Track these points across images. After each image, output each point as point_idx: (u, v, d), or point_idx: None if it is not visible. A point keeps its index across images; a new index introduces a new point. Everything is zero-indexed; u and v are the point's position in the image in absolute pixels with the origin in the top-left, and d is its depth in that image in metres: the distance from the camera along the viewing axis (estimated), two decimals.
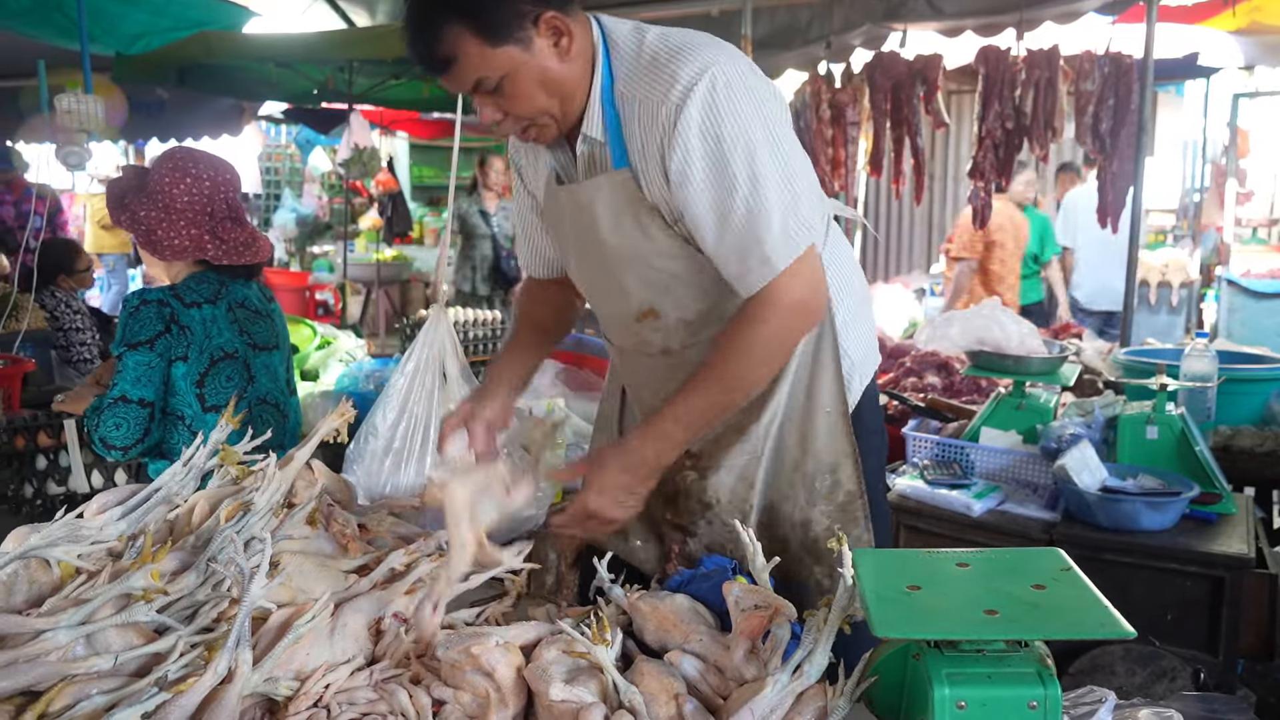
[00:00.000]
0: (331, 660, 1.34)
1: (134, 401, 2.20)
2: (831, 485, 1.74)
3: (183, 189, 2.30)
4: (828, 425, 1.72)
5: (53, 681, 1.21)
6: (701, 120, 1.48)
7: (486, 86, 1.53)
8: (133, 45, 6.19)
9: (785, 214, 1.52)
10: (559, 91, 1.56)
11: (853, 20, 5.41)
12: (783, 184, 1.53)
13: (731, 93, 1.49)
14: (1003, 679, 1.10)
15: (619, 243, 1.65)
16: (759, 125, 1.51)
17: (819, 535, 1.74)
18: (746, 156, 1.50)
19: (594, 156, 1.63)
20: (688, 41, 1.54)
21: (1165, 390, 2.81)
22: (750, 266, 1.54)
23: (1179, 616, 2.50)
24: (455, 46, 1.49)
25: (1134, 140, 4.57)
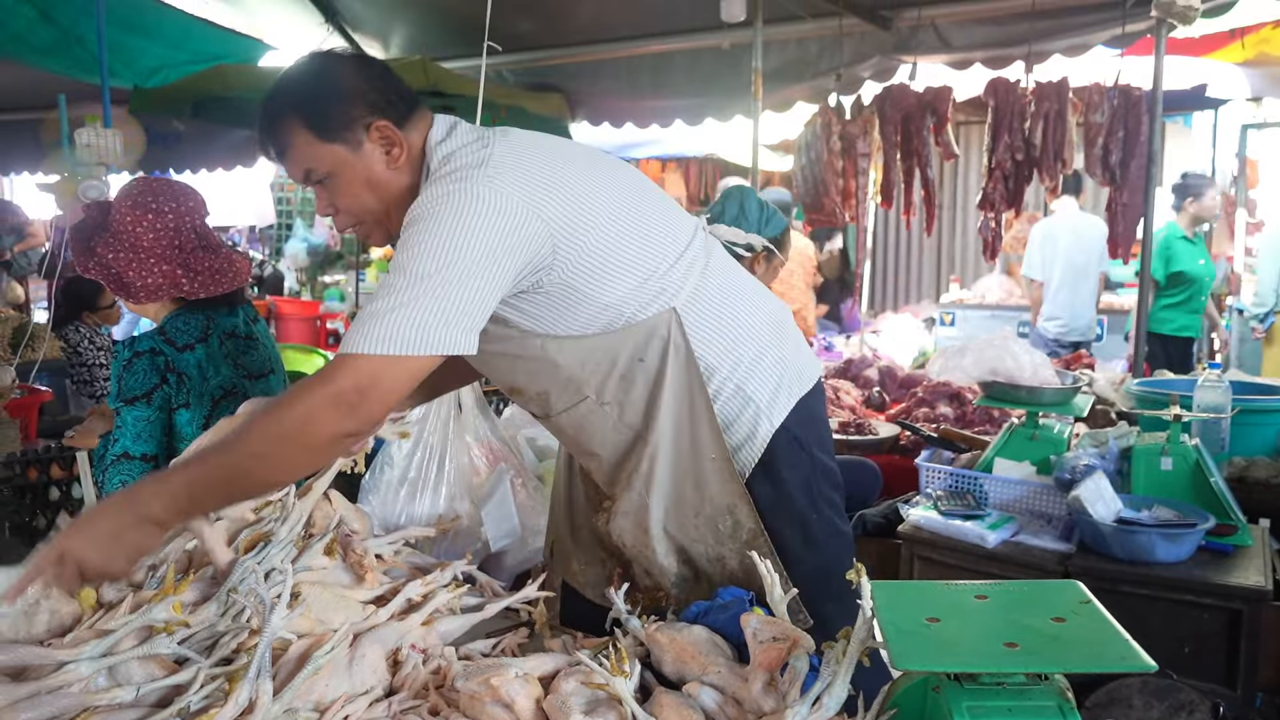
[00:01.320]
0: (350, 691, 1.34)
1: (136, 458, 2.15)
2: (733, 526, 1.76)
3: (145, 226, 2.20)
4: (715, 471, 1.74)
5: (76, 713, 1.22)
6: (409, 224, 1.54)
7: (315, 178, 1.66)
8: (150, 78, 6.29)
9: (392, 310, 1.45)
10: (384, 196, 1.67)
11: (862, 53, 5.47)
12: (415, 287, 1.46)
13: (436, 213, 1.50)
14: (1023, 712, 1.10)
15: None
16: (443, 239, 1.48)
17: (734, 570, 1.76)
18: (416, 253, 1.48)
19: None
20: (450, 163, 1.59)
21: (1179, 421, 2.80)
22: (345, 339, 1.51)
23: (1196, 649, 2.48)
24: (288, 137, 1.64)
25: (1144, 171, 4.59)
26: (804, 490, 1.81)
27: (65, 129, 4.39)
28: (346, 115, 1.62)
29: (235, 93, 6.04)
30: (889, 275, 10.22)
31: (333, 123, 1.62)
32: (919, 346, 6.96)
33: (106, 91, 4.50)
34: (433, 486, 2.42)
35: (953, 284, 8.96)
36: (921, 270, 9.99)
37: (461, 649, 1.55)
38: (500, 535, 2.32)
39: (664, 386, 1.71)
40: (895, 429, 3.92)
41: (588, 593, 1.93)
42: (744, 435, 1.76)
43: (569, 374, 1.72)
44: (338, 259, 12.01)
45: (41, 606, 1.41)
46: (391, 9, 6.62)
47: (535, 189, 1.57)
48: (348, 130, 1.62)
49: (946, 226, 9.50)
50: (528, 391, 1.78)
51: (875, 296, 9.87)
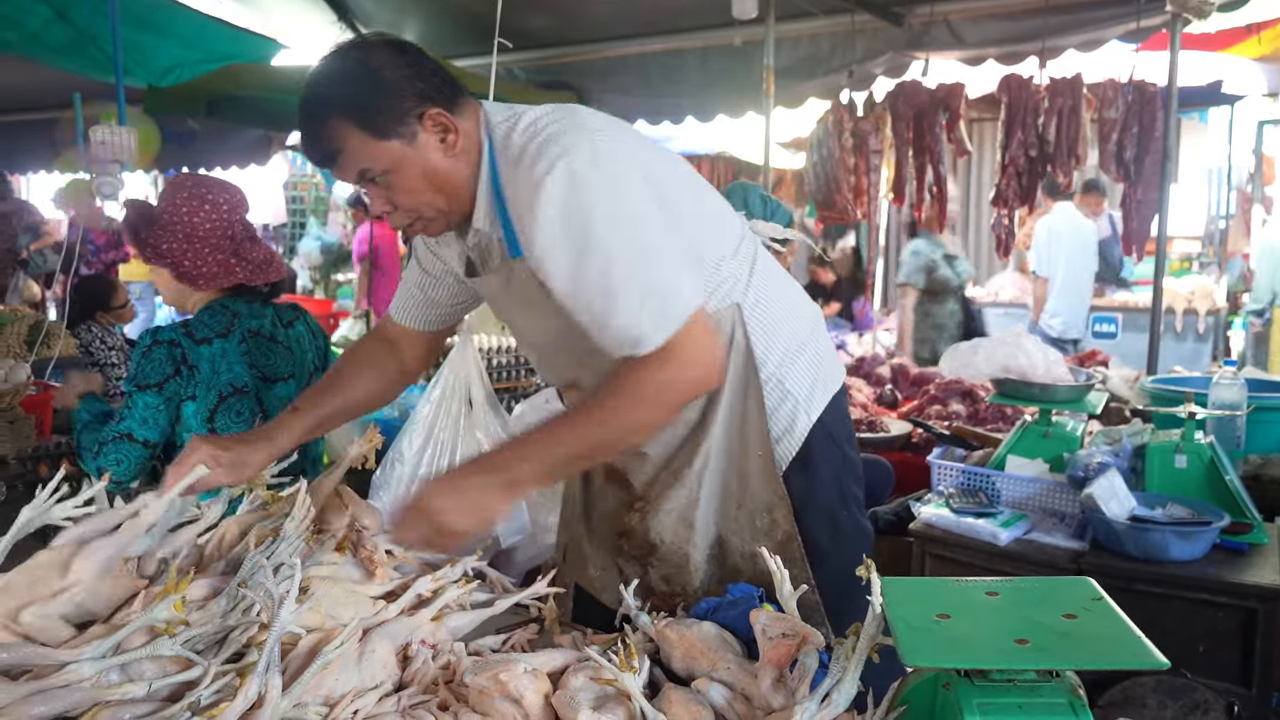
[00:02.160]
0: (360, 686, 1.35)
1: (139, 442, 2.24)
2: (770, 525, 1.76)
3: (203, 216, 2.31)
4: (760, 468, 1.75)
5: (87, 708, 1.22)
6: (558, 209, 1.49)
7: (371, 177, 1.57)
8: (164, 78, 6.31)
9: (655, 288, 1.52)
10: (444, 186, 1.60)
11: (875, 49, 5.45)
12: (649, 259, 1.52)
13: (586, 179, 1.49)
14: (1034, 709, 1.10)
15: (531, 324, 1.72)
16: (615, 206, 1.51)
17: (763, 570, 1.74)
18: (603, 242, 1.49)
19: (488, 247, 1.68)
20: (547, 130, 1.55)
21: (1194, 419, 2.78)
22: (623, 339, 1.54)
23: (1211, 648, 2.46)
24: (339, 139, 1.54)
25: (1158, 168, 4.56)
26: (835, 485, 1.82)
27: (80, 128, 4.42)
28: (399, 108, 1.54)
29: (248, 92, 6.06)
30: None
31: (386, 118, 1.54)
32: None
33: (121, 90, 4.52)
34: None
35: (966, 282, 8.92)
36: None
37: (471, 645, 1.55)
38: (510, 532, 2.32)
39: (725, 382, 1.70)
40: (907, 426, 3.91)
41: (603, 598, 1.91)
42: (783, 428, 1.76)
43: None
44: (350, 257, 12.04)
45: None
46: (403, 7, 6.64)
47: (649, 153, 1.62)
48: (401, 124, 1.54)
49: (960, 224, 9.45)
50: (587, 387, 1.75)
51: (888, 294, 9.84)
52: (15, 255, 7.28)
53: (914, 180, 5.36)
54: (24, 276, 7.35)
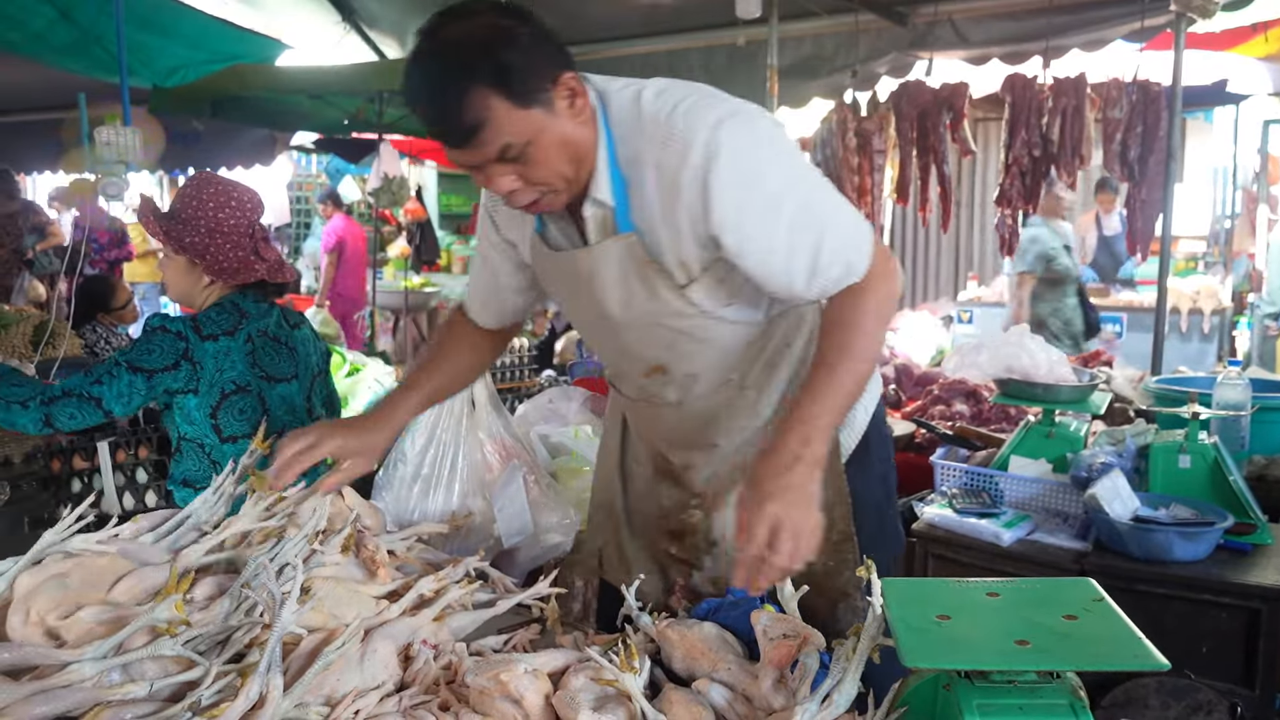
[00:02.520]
0: (361, 686, 1.35)
1: (103, 410, 2.26)
2: (827, 526, 1.74)
3: (227, 214, 2.37)
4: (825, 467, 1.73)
5: (88, 708, 1.22)
6: (735, 178, 1.47)
7: (511, 154, 1.45)
8: (169, 78, 6.33)
9: (845, 219, 1.57)
10: (576, 155, 1.52)
11: (879, 49, 5.44)
12: (829, 194, 1.57)
13: (750, 141, 1.50)
14: (1034, 710, 1.10)
15: (625, 304, 1.64)
16: (785, 157, 1.55)
17: (815, 572, 1.74)
18: (792, 189, 1.53)
19: (603, 219, 1.60)
20: (686, 99, 1.52)
21: (1198, 419, 2.78)
22: (836, 279, 1.56)
23: (1214, 649, 2.45)
24: (483, 111, 1.40)
25: (1163, 167, 4.55)
26: (883, 483, 1.85)
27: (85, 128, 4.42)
28: (538, 74, 1.44)
29: (253, 92, 6.08)
30: (906, 273, 10.17)
31: (529, 84, 1.42)
32: (936, 344, 6.92)
33: (126, 90, 4.53)
34: (446, 483, 2.43)
35: (970, 281, 8.91)
36: (939, 268, 9.93)
37: (473, 645, 1.55)
38: (513, 532, 2.32)
39: (801, 375, 1.70)
40: (911, 426, 3.90)
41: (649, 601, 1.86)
42: (844, 421, 1.75)
43: (726, 357, 1.69)
44: None
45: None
46: (408, 7, 6.63)
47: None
48: (541, 90, 1.44)
49: (964, 224, 9.44)
50: (673, 373, 1.72)
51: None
52: (21, 256, 7.30)
53: (918, 180, 5.35)
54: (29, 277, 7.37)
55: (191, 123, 7.48)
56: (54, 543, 1.45)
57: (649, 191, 1.54)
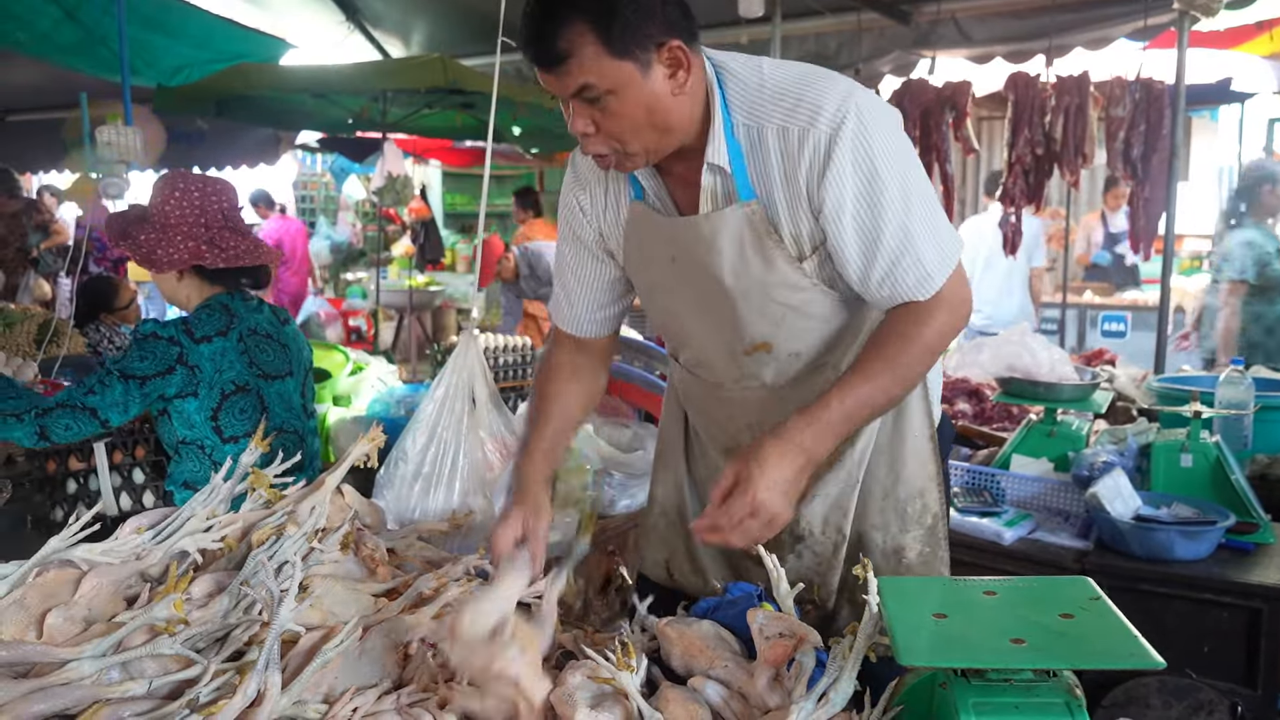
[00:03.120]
0: (359, 684, 1.35)
1: (99, 420, 2.26)
2: (921, 509, 1.75)
3: (173, 205, 2.37)
4: (915, 450, 1.74)
5: (87, 705, 1.23)
6: (855, 148, 1.47)
7: (590, 95, 1.45)
8: (173, 77, 6.36)
9: (939, 231, 1.54)
10: (662, 123, 1.49)
11: (882, 47, 5.44)
12: (932, 204, 1.55)
13: (877, 121, 1.49)
14: (1030, 709, 1.10)
15: (740, 274, 1.61)
16: (904, 151, 1.53)
17: (911, 562, 1.74)
18: (901, 183, 1.51)
19: (716, 188, 1.58)
20: (811, 71, 1.54)
21: (1200, 418, 2.77)
22: (909, 284, 1.54)
23: (1215, 648, 2.45)
24: (574, 44, 1.41)
25: (1166, 166, 4.54)
26: (947, 478, 1.84)
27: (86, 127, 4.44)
28: (643, 30, 1.42)
29: (257, 91, 6.09)
30: None
31: (628, 37, 1.41)
32: None
33: (127, 89, 4.54)
34: (446, 481, 2.43)
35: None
36: None
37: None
38: None
39: None
40: None
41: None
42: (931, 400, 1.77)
43: (830, 336, 1.68)
44: (360, 256, 12.08)
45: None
46: (411, 7, 6.66)
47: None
48: (641, 47, 1.43)
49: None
50: (778, 350, 1.69)
51: None
52: (27, 255, 7.32)
53: None
54: (35, 275, 7.39)
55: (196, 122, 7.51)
56: (58, 549, 1.46)
57: (771, 157, 1.53)
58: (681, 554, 1.94)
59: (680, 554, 1.95)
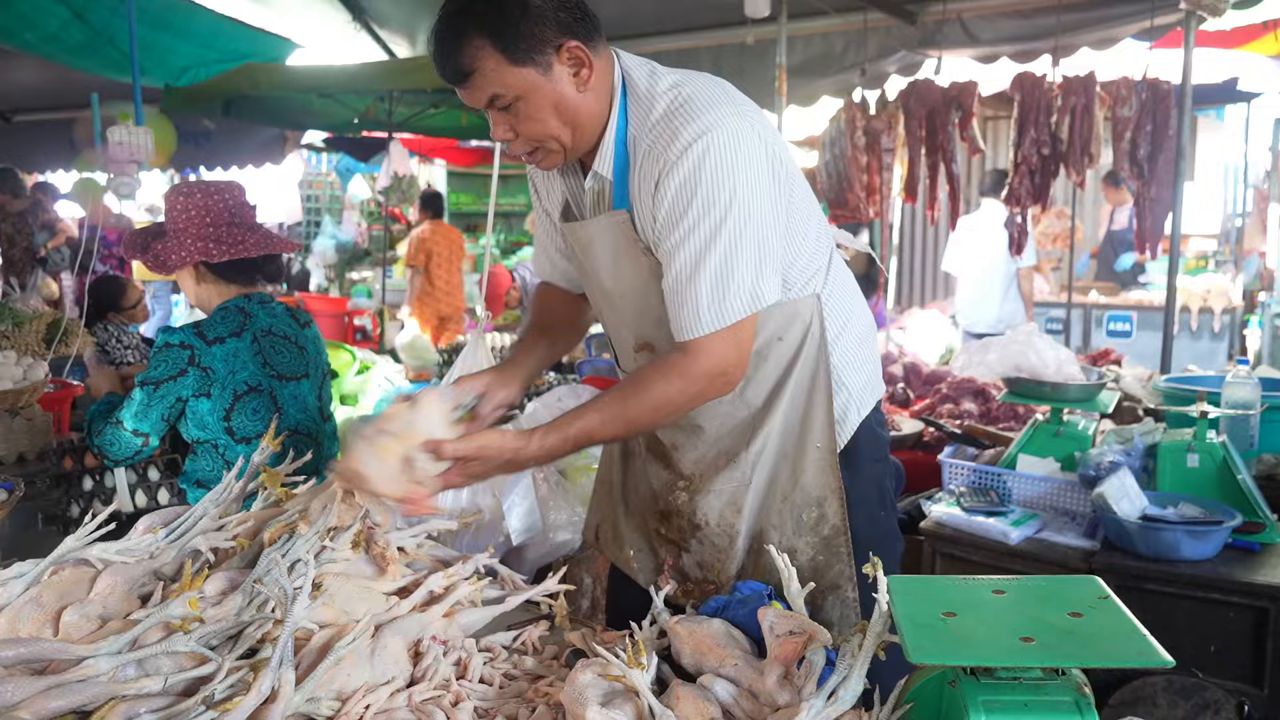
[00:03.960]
0: (372, 681, 1.36)
1: (128, 430, 2.37)
2: (818, 519, 1.78)
3: (179, 210, 2.46)
4: (817, 460, 1.77)
5: (103, 701, 1.24)
6: (684, 178, 1.54)
7: (500, 104, 1.56)
8: (181, 77, 6.37)
9: (722, 284, 1.57)
10: (571, 120, 1.59)
11: (888, 47, 5.44)
12: (729, 256, 1.57)
13: (719, 159, 1.53)
14: (1039, 707, 1.10)
15: (617, 278, 1.73)
16: (737, 195, 1.55)
17: (802, 565, 1.77)
18: (714, 223, 1.55)
19: (600, 194, 1.70)
20: (697, 97, 1.58)
21: (1206, 418, 2.77)
22: (682, 318, 1.61)
23: (1222, 648, 2.46)
24: (476, 60, 1.52)
25: (1172, 166, 4.54)
26: (877, 485, 1.86)
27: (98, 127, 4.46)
28: (539, 36, 1.52)
29: (264, 91, 6.11)
30: (915, 271, 10.15)
31: (525, 44, 1.52)
32: (945, 343, 6.92)
33: (138, 90, 4.57)
34: None
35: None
36: None
37: (483, 641, 1.57)
38: (522, 529, 2.34)
39: (794, 369, 1.74)
40: (919, 425, 3.91)
41: (639, 579, 1.94)
42: (836, 421, 1.78)
43: None
44: (365, 256, 12.10)
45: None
46: (417, 6, 6.66)
47: (776, 136, 1.64)
48: (539, 52, 1.53)
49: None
50: (660, 350, 1.76)
51: (901, 293, 9.82)
52: (34, 254, 7.35)
53: (926, 179, 5.35)
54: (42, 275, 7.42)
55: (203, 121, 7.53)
56: (74, 548, 1.47)
57: (637, 172, 1.62)
58: (609, 523, 2.04)
59: (608, 523, 2.04)
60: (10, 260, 7.00)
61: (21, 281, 7.03)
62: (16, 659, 1.27)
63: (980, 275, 6.62)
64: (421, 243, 8.07)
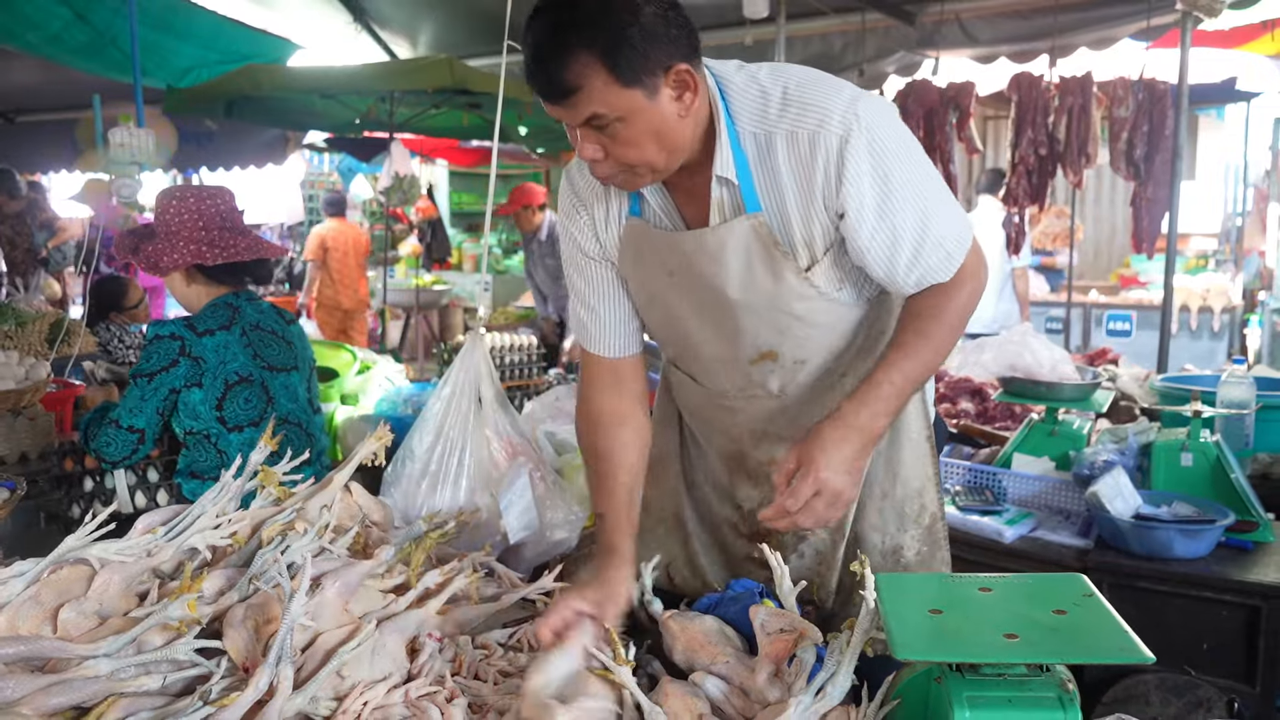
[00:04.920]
0: (370, 678, 1.38)
1: (124, 428, 2.40)
2: (919, 510, 1.78)
3: (172, 213, 2.50)
4: (913, 451, 1.77)
5: (103, 698, 1.26)
6: (869, 149, 1.49)
7: (599, 124, 1.45)
8: (183, 78, 6.39)
9: (953, 213, 1.58)
10: (670, 145, 1.50)
11: (886, 48, 5.46)
12: (941, 188, 1.58)
13: (883, 119, 1.52)
14: (1023, 703, 1.12)
15: (745, 285, 1.61)
16: (911, 144, 1.56)
17: (909, 562, 1.77)
18: (914, 176, 1.54)
19: (723, 201, 1.59)
20: (808, 76, 1.55)
21: (1200, 417, 2.79)
22: (933, 270, 1.57)
23: (1215, 646, 2.47)
24: (583, 77, 1.40)
25: (1169, 166, 4.55)
26: (941, 479, 1.86)
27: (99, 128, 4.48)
28: (651, 58, 1.41)
29: (265, 92, 6.12)
30: None
31: (636, 64, 1.40)
32: None
33: (139, 91, 4.58)
34: (453, 480, 2.46)
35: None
36: None
37: (478, 638, 1.59)
38: (519, 528, 2.35)
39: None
40: None
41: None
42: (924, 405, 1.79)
43: (835, 342, 1.69)
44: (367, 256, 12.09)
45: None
46: (418, 8, 6.68)
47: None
48: (648, 74, 1.42)
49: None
50: (784, 359, 1.70)
51: None
52: (35, 254, 7.36)
53: None
54: (45, 275, 7.44)
55: (205, 122, 7.54)
56: (75, 548, 1.49)
57: (779, 164, 1.54)
58: (681, 559, 1.95)
59: (680, 559, 1.95)
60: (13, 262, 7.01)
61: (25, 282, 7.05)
62: (17, 656, 1.28)
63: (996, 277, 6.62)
64: (320, 239, 8.48)
